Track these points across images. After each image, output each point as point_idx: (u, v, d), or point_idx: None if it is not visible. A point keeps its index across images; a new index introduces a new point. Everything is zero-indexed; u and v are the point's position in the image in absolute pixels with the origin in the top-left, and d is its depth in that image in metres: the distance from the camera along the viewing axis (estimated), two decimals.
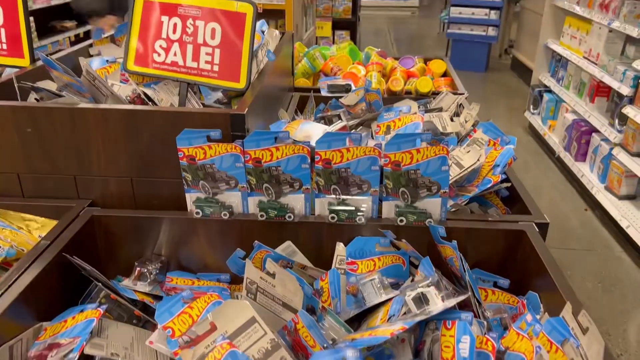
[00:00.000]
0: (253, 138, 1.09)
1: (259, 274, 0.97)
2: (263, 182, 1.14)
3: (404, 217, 1.13)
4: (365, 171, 1.12)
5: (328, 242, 1.15)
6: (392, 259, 1.14)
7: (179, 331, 0.95)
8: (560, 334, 0.88)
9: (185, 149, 1.11)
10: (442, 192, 1.12)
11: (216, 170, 1.13)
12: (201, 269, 1.21)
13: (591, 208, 3.51)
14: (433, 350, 0.83)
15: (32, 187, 1.23)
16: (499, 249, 1.15)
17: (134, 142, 1.18)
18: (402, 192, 1.13)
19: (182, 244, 1.18)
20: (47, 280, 1.01)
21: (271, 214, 1.14)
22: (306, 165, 1.12)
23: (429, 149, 1.09)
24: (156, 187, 1.22)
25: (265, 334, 0.89)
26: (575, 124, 3.78)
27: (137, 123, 1.16)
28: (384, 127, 1.44)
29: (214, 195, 1.16)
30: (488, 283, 1.15)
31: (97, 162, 1.20)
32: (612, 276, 2.84)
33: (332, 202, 1.15)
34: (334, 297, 1.00)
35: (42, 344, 0.93)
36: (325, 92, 2.00)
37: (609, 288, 2.74)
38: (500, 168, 1.24)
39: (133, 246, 1.18)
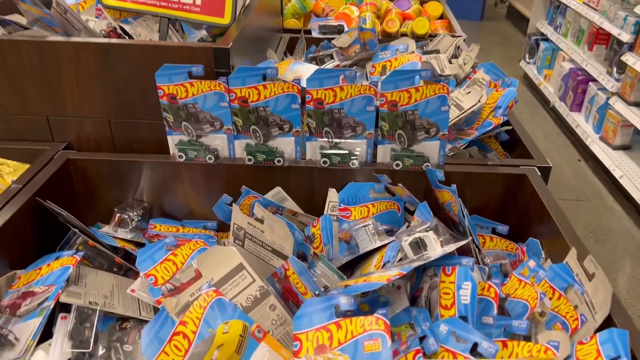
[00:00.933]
0: (238, 75, 1.01)
1: (247, 219, 0.91)
2: (250, 123, 1.06)
3: (400, 161, 1.06)
4: (360, 112, 1.04)
5: (320, 187, 1.09)
6: (387, 205, 1.09)
7: (162, 279, 0.90)
8: (564, 280, 0.83)
9: (165, 87, 1.03)
10: (441, 134, 1.06)
11: (199, 110, 1.05)
12: (186, 215, 1.15)
13: (585, 159, 3.48)
14: (431, 297, 0.78)
15: (1, 128, 1.15)
16: (498, 194, 1.10)
17: (110, 80, 1.09)
18: (398, 135, 1.07)
19: (165, 189, 1.12)
20: (20, 225, 0.94)
21: (259, 158, 1.07)
22: (296, 105, 1.05)
23: (429, 88, 1.01)
24: (136, 129, 1.14)
25: (253, 281, 0.84)
26: (571, 73, 3.70)
27: (112, 59, 1.07)
28: (380, 67, 1.36)
29: (197, 137, 1.09)
30: (486, 230, 1.10)
31: (71, 101, 1.11)
32: (603, 226, 2.84)
33: (324, 146, 1.08)
34: (326, 244, 0.95)
35: (16, 292, 0.87)
36: (316, 33, 1.90)
37: (601, 238, 2.74)
38: (502, 110, 1.17)
39: (113, 192, 1.12)
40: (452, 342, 0.69)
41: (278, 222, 0.88)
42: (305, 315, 0.74)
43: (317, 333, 0.72)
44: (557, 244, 0.93)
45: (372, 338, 0.68)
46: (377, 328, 0.68)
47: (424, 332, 0.73)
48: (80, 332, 0.79)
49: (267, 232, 0.90)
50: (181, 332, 0.77)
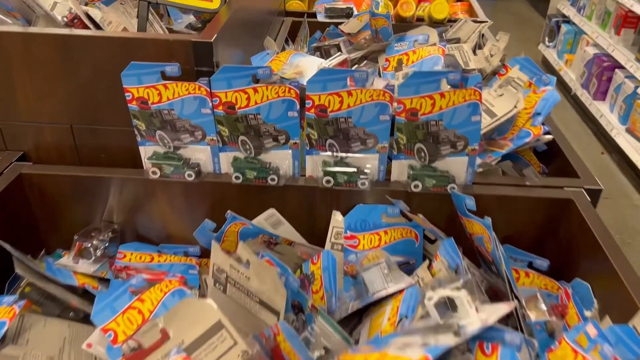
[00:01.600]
0: (222, 76, 0.82)
1: (229, 261, 0.73)
2: (238, 133, 0.88)
3: (420, 180, 0.88)
4: (372, 121, 0.85)
5: (322, 210, 0.91)
6: (402, 233, 0.91)
7: (123, 334, 0.72)
8: (630, 350, 0.65)
9: (134, 89, 0.84)
10: (470, 149, 0.87)
11: (176, 117, 0.86)
12: (164, 239, 0.97)
13: (608, 151, 3.26)
14: None
15: None
16: (537, 222, 0.91)
17: (72, 79, 0.90)
18: (418, 149, 0.88)
19: (138, 209, 0.94)
20: None
21: (249, 176, 0.89)
22: (294, 112, 0.86)
23: (457, 93, 0.82)
24: (103, 137, 0.96)
25: (235, 343, 0.67)
26: (596, 59, 3.46)
27: (72, 54, 0.88)
28: (394, 61, 1.16)
29: (175, 149, 0.90)
30: (521, 263, 0.92)
31: (26, 104, 0.93)
32: (629, 227, 2.64)
33: (327, 161, 0.89)
34: (328, 290, 0.77)
35: None
36: (322, 17, 1.70)
37: (627, 240, 2.55)
38: (542, 117, 0.98)
39: (77, 212, 0.94)
40: None
41: (267, 269, 0.70)
42: None
43: None
44: (616, 293, 0.75)
45: None
46: None
47: None
48: None
49: (253, 280, 0.72)
50: None
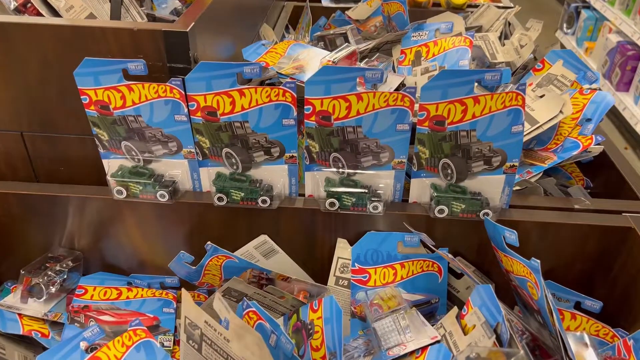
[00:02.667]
0: (200, 75, 0.65)
1: (203, 316, 0.57)
2: (222, 145, 0.71)
3: (445, 204, 0.71)
4: (387, 132, 0.68)
5: (325, 238, 0.75)
6: (422, 266, 0.74)
7: None
8: None
9: (91, 91, 0.67)
10: (508, 166, 0.70)
11: (144, 125, 0.70)
12: (135, 268, 0.81)
13: (632, 146, 3.07)
14: None
15: None
16: (587, 254, 0.74)
17: (19, 78, 0.74)
18: (443, 166, 0.71)
19: (104, 233, 0.78)
20: None
21: (235, 197, 0.72)
22: (290, 120, 0.69)
23: (495, 98, 0.65)
24: (62, 147, 0.79)
25: None
26: (620, 47, 3.25)
27: (17, 47, 0.71)
28: (411, 53, 0.98)
29: (146, 162, 0.74)
30: (566, 303, 0.76)
31: None
32: None
33: (331, 179, 0.73)
34: (332, 350, 0.61)
35: None
36: (327, 2, 1.52)
37: None
38: (594, 124, 0.80)
39: (31, 236, 0.78)
40: None
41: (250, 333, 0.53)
42: None
43: None
44: None
45: None
46: None
47: None
48: None
49: (234, 342, 0.55)
50: None
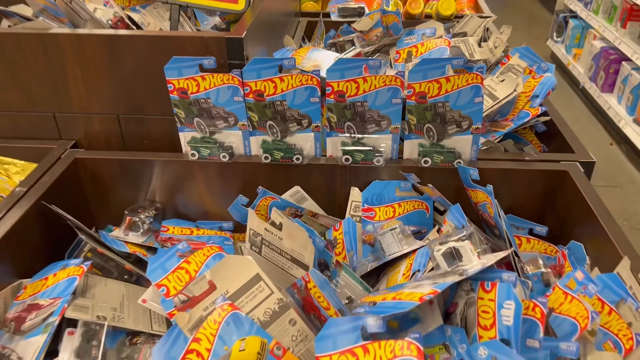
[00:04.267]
0: (253, 67, 0.93)
1: (263, 225, 0.84)
2: (266, 118, 0.99)
3: (429, 157, 0.98)
4: (385, 105, 0.96)
5: (342, 186, 1.02)
6: (414, 205, 1.01)
7: (174, 289, 0.84)
8: (615, 293, 0.75)
9: (175, 81, 0.96)
10: (474, 128, 0.97)
11: (212, 105, 0.98)
12: (201, 216, 1.09)
13: (617, 142, 3.33)
14: (467, 315, 0.71)
15: (7, 126, 1.09)
16: (536, 193, 1.01)
17: (118, 74, 1.02)
18: (427, 129, 0.98)
19: (178, 189, 1.06)
20: (25, 231, 0.89)
21: (276, 156, 1.00)
22: (316, 98, 0.97)
23: (461, 78, 0.92)
24: (146, 125, 1.08)
25: (272, 293, 0.78)
26: (603, 52, 3.53)
27: (119, 51, 1.00)
28: (404, 53, 1.27)
29: (211, 134, 1.02)
30: (523, 230, 1.02)
31: (78, 97, 1.05)
32: (638, 214, 2.71)
33: (346, 142, 1.00)
34: (350, 250, 0.88)
35: (21, 304, 0.82)
36: (335, 16, 1.81)
37: (635, 226, 2.62)
38: (540, 99, 1.07)
39: (124, 192, 1.06)
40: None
41: (298, 229, 0.81)
42: (329, 336, 0.67)
43: (342, 357, 0.65)
44: (605, 249, 0.84)
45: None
46: (409, 354, 0.61)
47: (460, 355, 0.66)
48: (87, 350, 0.73)
49: (285, 240, 0.83)
50: (194, 350, 0.71)
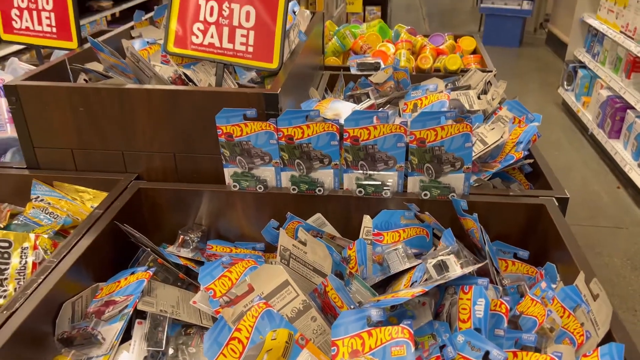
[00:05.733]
0: (285, 117, 1.17)
1: (292, 241, 1.06)
2: (295, 157, 1.22)
3: (428, 191, 1.19)
4: (392, 148, 1.18)
5: (356, 214, 1.23)
6: (416, 231, 1.21)
7: (219, 292, 1.05)
8: (573, 300, 0.94)
9: (223, 127, 1.19)
10: (465, 167, 1.18)
11: (252, 146, 1.21)
12: (238, 238, 1.30)
13: (623, 186, 3.48)
14: (451, 312, 0.90)
15: (84, 161, 1.34)
16: (519, 223, 1.21)
17: (176, 120, 1.27)
18: (426, 168, 1.19)
19: (220, 214, 1.28)
20: (102, 245, 1.11)
21: (302, 188, 1.22)
22: (335, 142, 1.19)
23: (453, 127, 1.14)
24: (197, 162, 1.31)
25: (297, 295, 0.98)
26: (609, 101, 3.72)
27: (178, 102, 1.25)
28: (411, 105, 1.50)
29: (249, 169, 1.25)
30: (508, 254, 1.21)
31: (143, 138, 1.30)
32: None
33: (359, 177, 1.22)
34: (361, 264, 1.08)
35: (100, 301, 1.04)
36: (354, 70, 2.06)
37: (638, 266, 2.74)
38: (523, 145, 1.28)
39: (176, 216, 1.29)
40: (468, 350, 0.81)
41: (319, 244, 1.02)
42: (342, 324, 0.87)
43: (351, 340, 0.85)
44: (571, 268, 1.03)
45: (398, 345, 0.81)
46: (403, 336, 0.80)
47: (443, 341, 0.85)
48: (154, 334, 0.94)
49: (309, 253, 1.04)
50: (236, 337, 0.91)
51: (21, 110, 1.29)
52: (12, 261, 1.12)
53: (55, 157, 1.34)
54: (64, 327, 0.96)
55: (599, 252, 2.87)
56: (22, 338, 0.88)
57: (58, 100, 1.27)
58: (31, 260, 1.13)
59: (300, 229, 1.07)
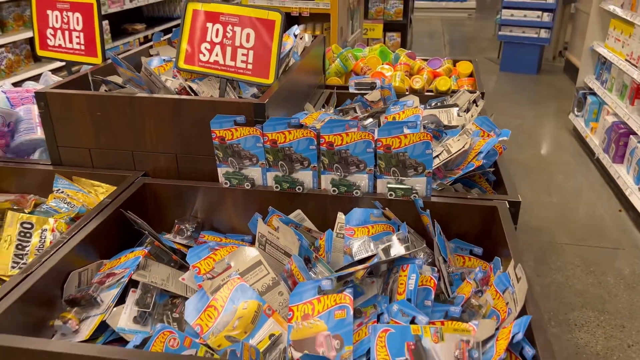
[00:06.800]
0: (270, 123, 1.35)
1: (267, 228, 1.23)
2: (278, 159, 1.39)
3: (394, 192, 1.35)
4: (362, 152, 1.34)
5: (331, 211, 1.39)
6: (384, 227, 1.36)
7: (204, 270, 1.22)
8: (504, 284, 1.07)
9: (217, 131, 1.38)
10: (427, 172, 1.33)
11: (241, 149, 1.39)
12: (229, 230, 1.48)
13: (625, 209, 3.54)
14: (393, 288, 1.05)
15: (99, 159, 1.55)
16: (476, 223, 1.35)
17: (179, 125, 1.46)
18: (393, 171, 1.35)
19: (214, 208, 1.46)
20: (108, 228, 1.30)
21: (284, 186, 1.39)
22: (313, 146, 1.36)
23: (415, 135, 1.30)
24: (195, 162, 1.50)
25: (268, 273, 1.15)
26: (614, 126, 3.81)
27: (181, 110, 1.44)
28: (391, 118, 1.66)
29: (239, 169, 1.42)
30: (465, 251, 1.35)
31: (150, 140, 1.49)
32: (636, 274, 2.90)
33: (334, 179, 1.39)
34: (327, 251, 1.24)
35: (102, 274, 1.22)
36: (352, 89, 2.23)
37: (631, 285, 2.81)
38: (484, 154, 1.43)
39: (176, 209, 1.47)
40: (399, 316, 0.96)
41: (289, 230, 1.19)
42: (298, 293, 1.03)
43: (304, 306, 1.01)
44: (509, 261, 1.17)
45: (340, 309, 0.96)
46: (344, 302, 0.96)
47: (382, 310, 1.00)
48: (144, 298, 1.12)
49: (281, 238, 1.20)
50: (213, 305, 1.08)
51: (48, 114, 1.50)
52: (33, 240, 1.32)
53: (76, 155, 1.55)
54: (70, 292, 1.14)
55: (593, 271, 2.94)
56: (33, 297, 1.07)
57: (79, 106, 1.48)
58: (49, 239, 1.32)
59: (274, 218, 1.24)
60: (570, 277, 2.90)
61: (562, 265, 3.00)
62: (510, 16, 6.73)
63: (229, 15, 1.62)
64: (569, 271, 2.95)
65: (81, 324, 1.09)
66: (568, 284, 2.84)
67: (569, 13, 7.35)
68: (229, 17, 1.62)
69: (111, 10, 5.16)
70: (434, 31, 10.14)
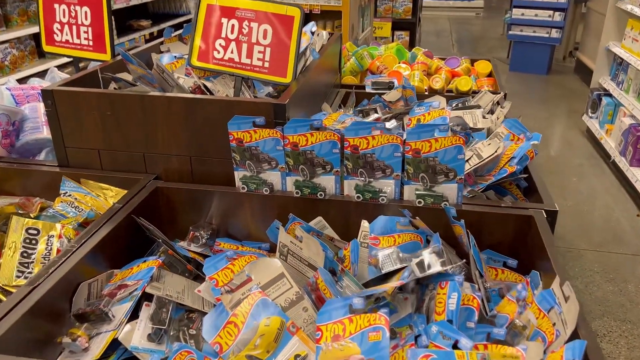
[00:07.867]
0: (291, 125, 1.26)
1: (289, 238, 1.14)
2: (299, 163, 1.31)
3: (423, 199, 1.26)
4: (389, 157, 1.26)
5: (354, 219, 1.31)
6: (411, 237, 1.28)
7: (222, 282, 1.14)
8: (548, 303, 0.99)
9: (234, 133, 1.30)
10: (458, 178, 1.25)
11: (260, 152, 1.31)
12: (245, 237, 1.40)
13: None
14: (430, 306, 0.97)
15: (109, 161, 1.47)
16: (509, 233, 1.26)
17: (193, 126, 1.38)
18: (421, 177, 1.27)
19: (229, 214, 1.37)
20: (119, 235, 1.22)
21: (305, 192, 1.31)
22: (337, 150, 1.28)
23: (446, 139, 1.22)
24: (210, 165, 1.42)
25: (291, 287, 1.07)
26: (632, 129, 3.72)
27: (195, 109, 1.36)
28: (415, 120, 1.58)
29: (257, 173, 1.34)
30: (498, 263, 1.27)
31: (162, 142, 1.41)
32: None
33: (358, 184, 1.30)
34: (353, 263, 1.16)
35: (113, 285, 1.14)
36: (369, 88, 2.15)
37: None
38: (517, 159, 1.34)
39: (189, 214, 1.39)
40: (439, 339, 0.88)
41: (313, 241, 1.11)
42: (327, 312, 0.95)
43: (334, 325, 0.92)
44: (550, 275, 1.08)
45: (375, 330, 0.88)
46: (379, 322, 0.88)
47: (419, 331, 0.92)
48: (158, 314, 1.04)
49: (304, 249, 1.12)
50: (233, 321, 1.00)
51: (55, 113, 1.42)
52: (39, 247, 1.24)
53: (84, 156, 1.47)
54: (79, 305, 1.06)
55: (613, 278, 2.85)
56: (41, 311, 0.99)
57: (88, 104, 1.40)
58: (56, 247, 1.25)
59: (297, 227, 1.16)
60: (589, 283, 2.82)
61: (580, 272, 2.91)
62: (521, 15, 6.63)
63: (245, 10, 1.53)
64: (588, 277, 2.86)
65: (91, 341, 1.01)
66: (588, 291, 2.75)
67: (579, 13, 7.24)
68: (245, 13, 1.53)
69: (117, 6, 5.08)
70: (442, 30, 10.03)
